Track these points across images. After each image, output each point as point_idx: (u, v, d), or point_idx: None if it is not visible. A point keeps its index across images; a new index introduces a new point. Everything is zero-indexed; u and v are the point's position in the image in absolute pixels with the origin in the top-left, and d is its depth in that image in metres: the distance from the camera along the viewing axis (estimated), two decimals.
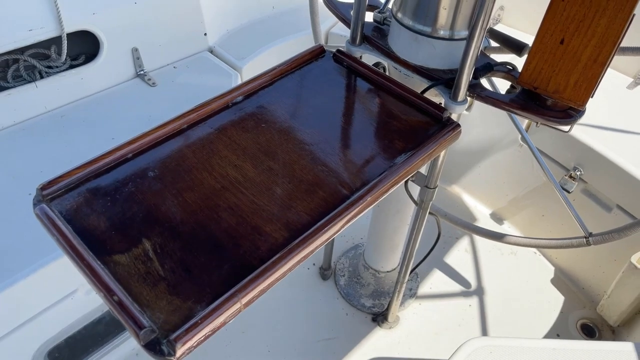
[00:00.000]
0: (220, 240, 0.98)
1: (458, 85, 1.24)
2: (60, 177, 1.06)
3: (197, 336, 0.83)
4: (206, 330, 0.84)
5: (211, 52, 2.55)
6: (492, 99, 1.28)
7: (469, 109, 1.42)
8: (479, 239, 2.58)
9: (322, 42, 2.32)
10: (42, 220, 1.00)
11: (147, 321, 0.84)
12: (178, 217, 1.02)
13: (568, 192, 2.11)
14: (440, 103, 1.32)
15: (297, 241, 0.97)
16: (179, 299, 0.89)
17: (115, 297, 0.86)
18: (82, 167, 1.08)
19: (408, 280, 2.35)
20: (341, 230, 1.05)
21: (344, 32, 2.75)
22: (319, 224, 1.01)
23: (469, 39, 1.15)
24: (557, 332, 2.22)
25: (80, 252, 0.93)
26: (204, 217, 1.02)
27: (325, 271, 2.33)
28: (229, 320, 0.88)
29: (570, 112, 1.22)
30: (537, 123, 1.29)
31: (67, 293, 1.69)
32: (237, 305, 0.88)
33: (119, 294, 0.87)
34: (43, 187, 1.03)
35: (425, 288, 2.36)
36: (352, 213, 1.05)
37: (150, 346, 0.82)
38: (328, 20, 2.75)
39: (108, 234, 0.98)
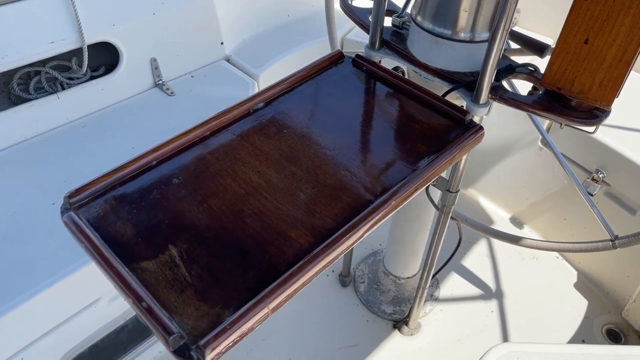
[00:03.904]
0: (246, 246, 0.98)
1: (480, 88, 1.24)
2: (86, 185, 1.07)
3: (225, 342, 0.83)
4: (235, 335, 0.84)
5: (228, 60, 2.57)
6: (514, 100, 1.27)
7: (487, 112, 1.41)
8: (499, 244, 2.55)
9: (339, 48, 2.33)
10: (70, 228, 1.01)
11: (175, 327, 0.84)
12: (203, 224, 1.02)
13: (591, 194, 2.08)
14: (462, 106, 1.31)
15: (322, 246, 0.97)
16: (206, 304, 0.89)
17: (144, 303, 0.87)
18: (108, 174, 1.09)
19: (429, 286, 2.33)
20: (366, 235, 1.04)
21: (359, 38, 2.75)
22: (343, 228, 1.01)
23: (491, 41, 1.14)
24: (582, 337, 2.17)
25: (108, 259, 0.93)
26: (229, 223, 1.02)
27: (345, 278, 2.32)
28: (257, 326, 0.88)
29: (595, 113, 1.21)
30: (561, 124, 1.27)
31: (91, 301, 1.71)
32: (265, 311, 0.87)
33: (148, 301, 0.87)
34: (70, 195, 1.04)
35: (446, 294, 2.33)
36: (377, 217, 1.05)
37: (180, 352, 0.82)
38: (343, 27, 2.76)
39: (134, 240, 0.99)
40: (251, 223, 1.02)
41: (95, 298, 1.71)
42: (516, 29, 2.82)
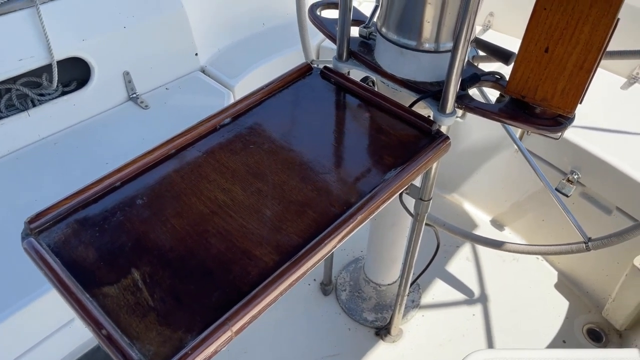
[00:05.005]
0: (210, 267, 0.97)
1: (445, 97, 1.24)
2: (48, 209, 1.05)
3: None
4: None
5: (203, 71, 2.56)
6: (480, 109, 1.27)
7: (463, 117, 1.42)
8: (480, 247, 2.56)
9: (313, 57, 2.33)
10: (30, 254, 0.99)
11: (136, 354, 0.83)
12: (167, 245, 1.01)
13: (566, 196, 2.09)
14: (429, 116, 1.31)
15: (287, 264, 0.96)
16: (169, 329, 0.87)
17: (104, 330, 0.85)
18: (70, 197, 1.08)
19: (410, 292, 2.33)
20: (333, 250, 1.04)
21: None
22: (309, 245, 1.00)
23: (454, 52, 1.14)
24: (563, 338, 2.19)
25: (68, 286, 0.92)
26: (194, 244, 1.01)
27: (326, 286, 2.31)
28: (221, 349, 0.87)
29: (559, 120, 1.21)
30: (527, 131, 1.28)
31: (65, 322, 1.68)
32: (228, 334, 0.86)
33: (108, 328, 0.86)
34: (31, 220, 1.03)
35: (428, 299, 2.34)
36: (343, 232, 1.04)
37: None
38: (319, 35, 2.76)
39: (97, 265, 0.97)
40: (215, 243, 1.01)
41: (70, 318, 1.69)
42: (490, 32, 2.85)
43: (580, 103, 1.17)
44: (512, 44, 1.40)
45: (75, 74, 2.20)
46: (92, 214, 1.07)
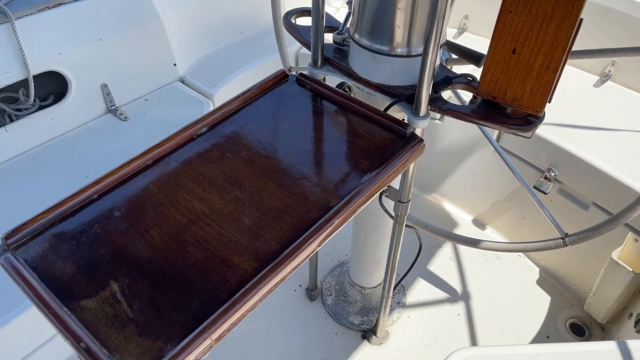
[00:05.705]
0: (188, 276, 0.98)
1: (419, 101, 1.26)
2: (24, 224, 1.05)
3: None
4: None
5: (182, 81, 2.56)
6: (453, 111, 1.29)
7: (441, 119, 1.44)
8: (463, 246, 2.59)
9: (292, 64, 2.34)
10: (7, 270, 0.99)
11: None
12: (145, 256, 1.01)
13: (544, 193, 2.13)
14: (404, 119, 1.33)
15: (265, 270, 0.97)
16: (148, 340, 0.88)
17: (83, 344, 0.85)
18: (47, 212, 1.08)
19: (395, 293, 2.35)
20: (311, 254, 1.05)
21: None
22: (287, 250, 1.01)
23: (424, 55, 1.17)
24: (546, 333, 2.22)
25: (46, 301, 0.92)
26: (172, 254, 1.01)
27: (312, 292, 2.32)
28: (201, 357, 0.87)
29: (530, 119, 1.24)
30: (500, 131, 1.30)
31: (48, 338, 1.67)
32: (208, 342, 0.87)
33: (87, 341, 0.86)
34: (7, 236, 1.02)
35: (413, 300, 2.35)
36: (322, 236, 1.06)
37: None
38: (297, 42, 2.77)
39: (75, 278, 0.97)
40: (194, 252, 1.02)
41: (52, 334, 1.67)
42: (466, 34, 2.89)
43: (549, 102, 1.20)
44: (487, 46, 1.43)
45: (52, 88, 2.19)
46: (69, 228, 1.06)
